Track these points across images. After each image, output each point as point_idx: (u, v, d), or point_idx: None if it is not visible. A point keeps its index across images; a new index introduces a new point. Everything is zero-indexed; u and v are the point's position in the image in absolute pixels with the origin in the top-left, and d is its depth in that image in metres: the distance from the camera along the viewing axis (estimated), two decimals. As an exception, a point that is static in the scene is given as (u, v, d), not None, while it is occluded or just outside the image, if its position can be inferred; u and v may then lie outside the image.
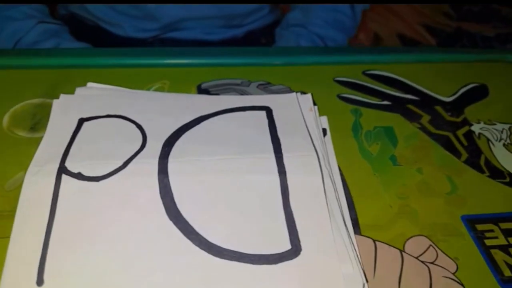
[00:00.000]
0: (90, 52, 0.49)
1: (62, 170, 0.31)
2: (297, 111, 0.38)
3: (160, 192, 0.30)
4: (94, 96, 0.38)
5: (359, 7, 0.70)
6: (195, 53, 0.47)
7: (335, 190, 0.33)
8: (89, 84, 0.40)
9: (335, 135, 0.38)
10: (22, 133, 0.36)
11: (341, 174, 0.35)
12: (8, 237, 0.28)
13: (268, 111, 0.38)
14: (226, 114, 0.37)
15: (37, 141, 0.34)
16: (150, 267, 0.27)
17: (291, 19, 0.71)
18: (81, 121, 0.35)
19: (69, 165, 0.31)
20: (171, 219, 0.29)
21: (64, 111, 0.36)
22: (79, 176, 0.31)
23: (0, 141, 0.35)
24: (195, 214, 0.30)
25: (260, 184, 0.32)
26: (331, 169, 0.34)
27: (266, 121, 0.37)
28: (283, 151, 0.34)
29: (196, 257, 0.28)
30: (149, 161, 0.32)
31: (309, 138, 0.35)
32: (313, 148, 0.34)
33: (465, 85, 0.46)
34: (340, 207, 0.32)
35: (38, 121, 0.37)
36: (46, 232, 0.28)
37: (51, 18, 0.64)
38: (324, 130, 0.38)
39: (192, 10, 0.62)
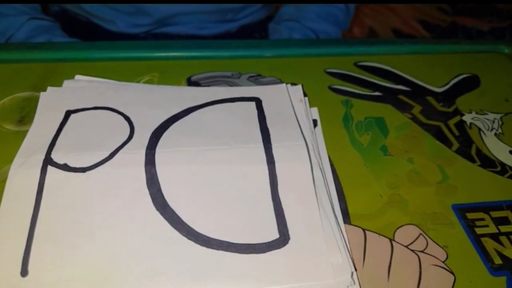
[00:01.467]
0: (79, 46, 0.49)
1: (48, 161, 0.30)
2: (287, 102, 0.38)
3: (147, 183, 0.30)
4: (81, 88, 0.38)
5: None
6: (185, 46, 0.47)
7: (325, 180, 0.32)
8: (77, 77, 0.39)
9: (326, 126, 0.38)
10: (9, 127, 0.36)
11: (332, 165, 0.35)
12: (-7, 229, 0.27)
13: (258, 102, 0.37)
14: (215, 105, 0.37)
15: (25, 135, 0.33)
16: (137, 257, 0.27)
17: (284, 14, 0.71)
18: (68, 113, 0.35)
19: (55, 156, 0.31)
20: (158, 210, 0.29)
21: (51, 103, 0.36)
22: (65, 167, 0.30)
23: (-13, 134, 0.35)
24: (182, 204, 0.29)
25: (248, 174, 0.31)
26: (321, 159, 0.34)
27: (255, 112, 0.36)
28: (272, 141, 0.33)
29: (183, 247, 0.27)
30: (136, 152, 0.32)
31: (299, 128, 0.35)
32: (302, 138, 0.34)
33: (457, 76, 0.46)
34: (330, 196, 0.31)
35: (26, 114, 0.37)
36: (31, 223, 0.27)
37: (43, 14, 0.64)
38: (315, 121, 0.38)
39: (184, 6, 0.62)
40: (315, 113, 0.39)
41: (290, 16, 0.70)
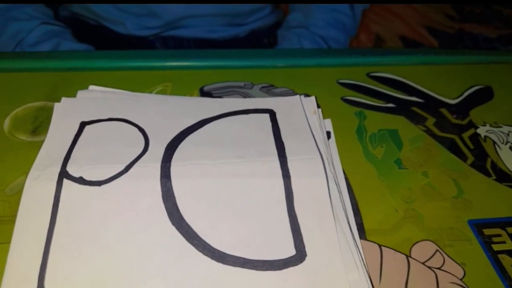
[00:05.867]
0: (92, 55, 0.49)
1: (64, 174, 0.30)
2: (301, 114, 0.37)
3: (163, 197, 0.30)
4: (95, 99, 0.38)
5: (359, 6, 0.70)
6: (198, 55, 0.47)
7: (340, 194, 0.32)
8: (91, 87, 0.39)
9: (339, 138, 0.38)
10: (23, 137, 0.36)
11: (346, 178, 0.35)
12: (9, 242, 0.27)
13: (272, 114, 0.37)
14: (229, 117, 0.37)
15: (39, 145, 0.33)
16: (153, 273, 0.27)
17: (291, 21, 0.71)
18: (83, 125, 0.35)
19: (71, 169, 0.31)
20: (173, 224, 0.29)
21: (65, 114, 0.36)
22: (80, 180, 0.30)
23: (1, 144, 0.35)
24: (198, 218, 0.29)
25: (264, 188, 0.31)
26: (335, 172, 0.34)
27: (269, 124, 0.36)
28: (287, 154, 0.33)
29: (199, 262, 0.27)
30: (151, 165, 0.32)
31: (313, 141, 0.35)
32: (317, 151, 0.34)
33: (470, 87, 0.46)
34: (345, 211, 0.31)
35: (39, 124, 0.37)
36: (47, 238, 0.27)
37: (55, 20, 0.64)
38: (328, 133, 0.38)
39: (194, 8, 0.62)
40: (328, 125, 0.39)
41: (298, 23, 0.70)
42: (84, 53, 0.51)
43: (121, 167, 0.31)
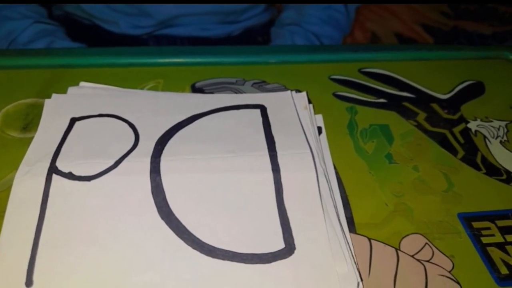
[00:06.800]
0: (83, 52, 0.49)
1: (53, 169, 0.30)
2: (292, 109, 0.38)
3: (152, 191, 0.30)
4: (86, 95, 0.38)
5: (353, 5, 0.71)
6: (190, 51, 0.47)
7: (330, 188, 0.32)
8: (82, 84, 0.39)
9: (330, 133, 0.38)
10: (14, 134, 0.36)
11: (336, 173, 0.35)
12: (-2, 237, 0.27)
13: (263, 109, 0.37)
14: (220, 113, 0.37)
15: (29, 142, 0.33)
16: (142, 267, 0.27)
17: (285, 19, 0.71)
18: (73, 121, 0.35)
19: (60, 164, 0.31)
20: (163, 219, 0.29)
21: (56, 110, 0.36)
22: (70, 175, 0.30)
23: (-9, 141, 0.35)
24: (187, 213, 0.29)
25: (253, 182, 0.31)
26: (326, 167, 0.34)
27: (260, 119, 0.36)
28: (277, 149, 0.33)
29: (188, 256, 0.27)
30: (141, 160, 0.32)
31: (304, 136, 0.35)
32: (307, 145, 0.34)
33: (462, 82, 0.46)
34: (335, 205, 0.31)
35: (30, 121, 0.37)
36: (35, 233, 0.27)
37: (48, 19, 0.64)
38: (319, 128, 0.38)
39: (187, 7, 0.62)
40: (319, 120, 0.39)
41: (292, 20, 0.70)
42: (76, 50, 0.51)
43: (111, 162, 0.31)
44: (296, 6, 0.70)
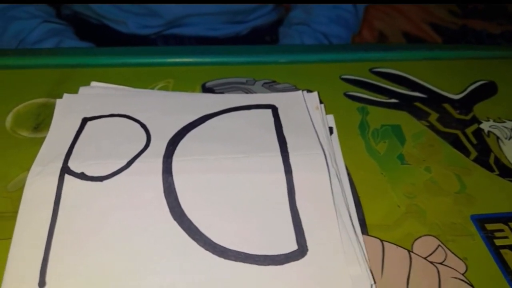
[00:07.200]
0: (93, 51, 0.49)
1: (65, 170, 0.30)
2: (303, 109, 0.37)
3: (164, 192, 0.30)
4: (97, 95, 0.38)
5: (362, 4, 0.70)
6: (200, 51, 0.47)
7: (342, 189, 0.32)
8: (93, 83, 0.39)
9: (342, 133, 0.38)
10: (25, 133, 0.36)
11: (348, 173, 0.35)
12: (11, 238, 0.27)
13: (274, 110, 0.37)
14: (231, 113, 0.37)
15: (41, 142, 0.33)
16: (154, 268, 0.27)
17: (293, 18, 0.71)
18: (85, 121, 0.35)
19: (72, 165, 0.31)
20: (175, 219, 0.29)
21: (67, 110, 0.36)
22: (82, 176, 0.30)
23: (3, 141, 0.35)
24: (200, 214, 0.29)
25: (266, 183, 0.31)
26: (338, 168, 0.34)
27: (272, 120, 0.36)
28: (289, 149, 0.33)
29: (200, 257, 0.27)
30: (153, 160, 0.32)
31: (316, 136, 0.35)
32: (319, 146, 0.34)
33: (474, 82, 0.45)
34: (347, 206, 0.31)
35: (41, 121, 0.37)
36: (48, 233, 0.27)
37: (56, 18, 0.64)
38: (331, 129, 0.38)
39: (195, 7, 0.62)
40: (331, 120, 0.39)
41: (300, 20, 0.70)
42: (86, 50, 0.51)
43: (123, 163, 0.31)
44: (304, 5, 0.70)
